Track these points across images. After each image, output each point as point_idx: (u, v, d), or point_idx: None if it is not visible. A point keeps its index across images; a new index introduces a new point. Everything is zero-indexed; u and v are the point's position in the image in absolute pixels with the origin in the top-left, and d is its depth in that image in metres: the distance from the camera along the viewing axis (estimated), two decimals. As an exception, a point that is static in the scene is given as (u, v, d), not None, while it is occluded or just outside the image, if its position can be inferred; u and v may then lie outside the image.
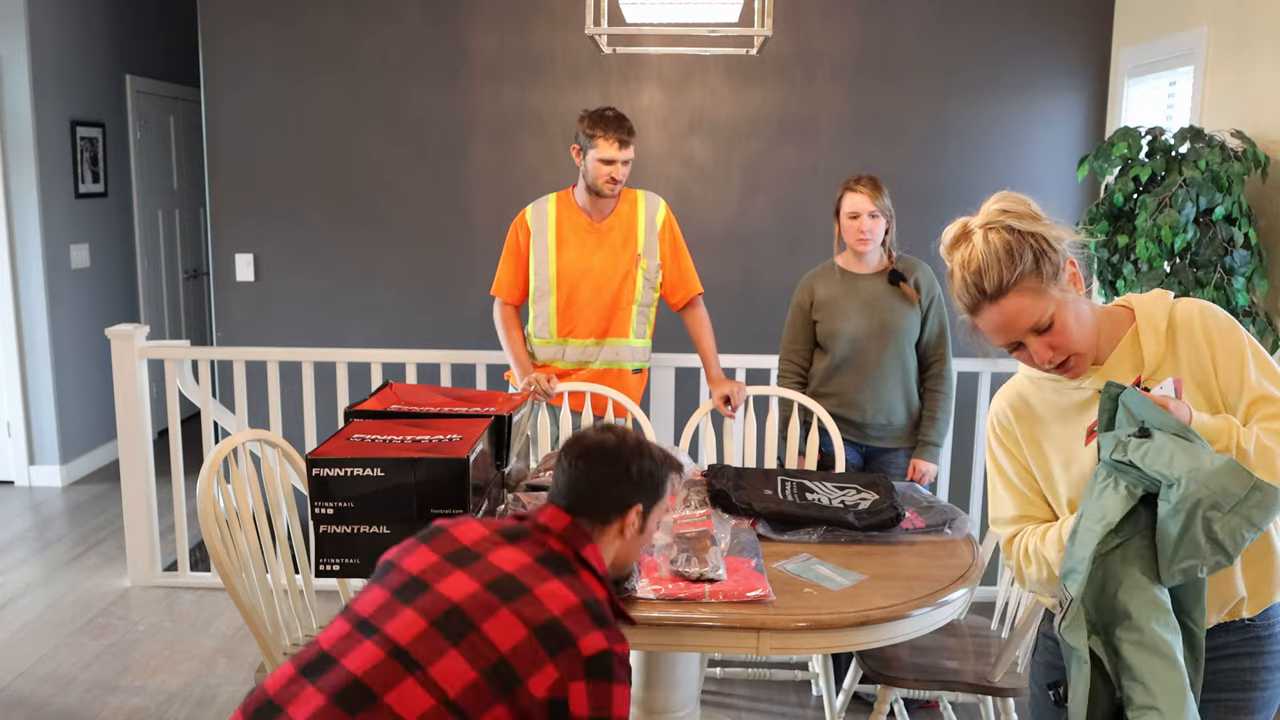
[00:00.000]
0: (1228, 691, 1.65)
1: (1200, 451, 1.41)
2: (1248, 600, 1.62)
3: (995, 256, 1.56)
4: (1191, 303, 1.63)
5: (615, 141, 3.12)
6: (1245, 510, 1.39)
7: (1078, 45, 4.76)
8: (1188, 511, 1.40)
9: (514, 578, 1.55)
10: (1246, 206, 3.40)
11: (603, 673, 1.50)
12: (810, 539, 2.33)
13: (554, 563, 1.61)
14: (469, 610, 1.50)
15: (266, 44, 4.82)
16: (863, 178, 3.12)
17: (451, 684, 1.45)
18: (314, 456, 2.03)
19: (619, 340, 3.31)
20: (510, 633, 1.48)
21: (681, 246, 3.37)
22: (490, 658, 1.47)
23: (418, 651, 1.47)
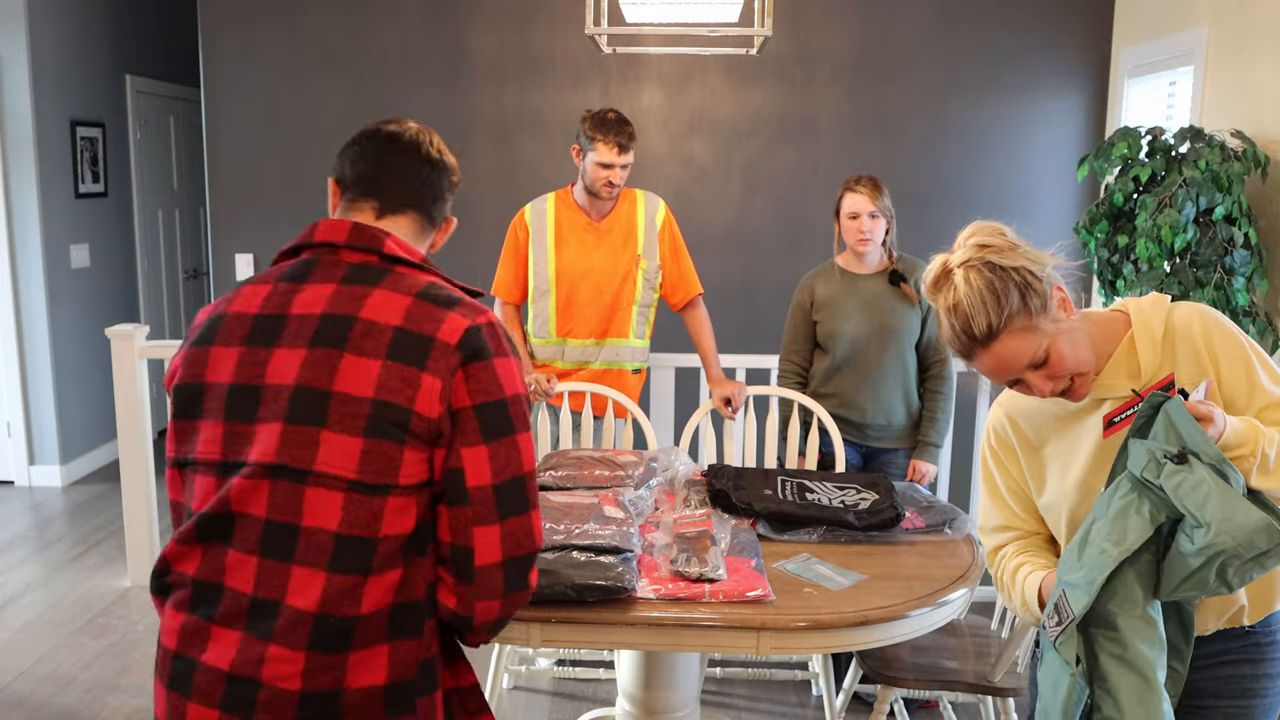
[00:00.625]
0: (1227, 699, 1.64)
1: (1236, 499, 1.38)
2: (1248, 608, 1.61)
3: (980, 300, 1.52)
4: (1190, 308, 1.60)
5: (615, 146, 3.11)
6: (1266, 560, 1.39)
7: (1078, 45, 4.76)
8: (1209, 558, 1.39)
9: (331, 316, 1.36)
10: (1246, 206, 3.40)
11: (478, 351, 1.35)
12: (810, 539, 2.33)
13: (361, 276, 1.40)
14: (310, 381, 1.32)
15: (266, 44, 4.82)
16: (863, 178, 3.12)
17: (345, 465, 1.30)
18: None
19: (619, 341, 3.31)
20: (364, 374, 1.32)
21: (681, 247, 3.36)
22: (363, 412, 1.30)
23: (293, 458, 1.31)
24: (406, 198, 1.53)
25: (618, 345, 3.31)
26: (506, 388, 1.36)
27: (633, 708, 2.33)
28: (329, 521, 1.30)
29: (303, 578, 1.30)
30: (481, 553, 1.35)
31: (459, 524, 1.35)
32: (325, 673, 1.30)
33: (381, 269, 1.41)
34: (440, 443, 1.34)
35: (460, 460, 1.33)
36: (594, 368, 3.32)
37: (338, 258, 1.43)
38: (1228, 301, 3.35)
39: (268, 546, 1.31)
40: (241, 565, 1.32)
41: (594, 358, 3.30)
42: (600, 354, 3.30)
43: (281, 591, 1.30)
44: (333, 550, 1.30)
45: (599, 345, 3.30)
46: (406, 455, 1.31)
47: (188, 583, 1.37)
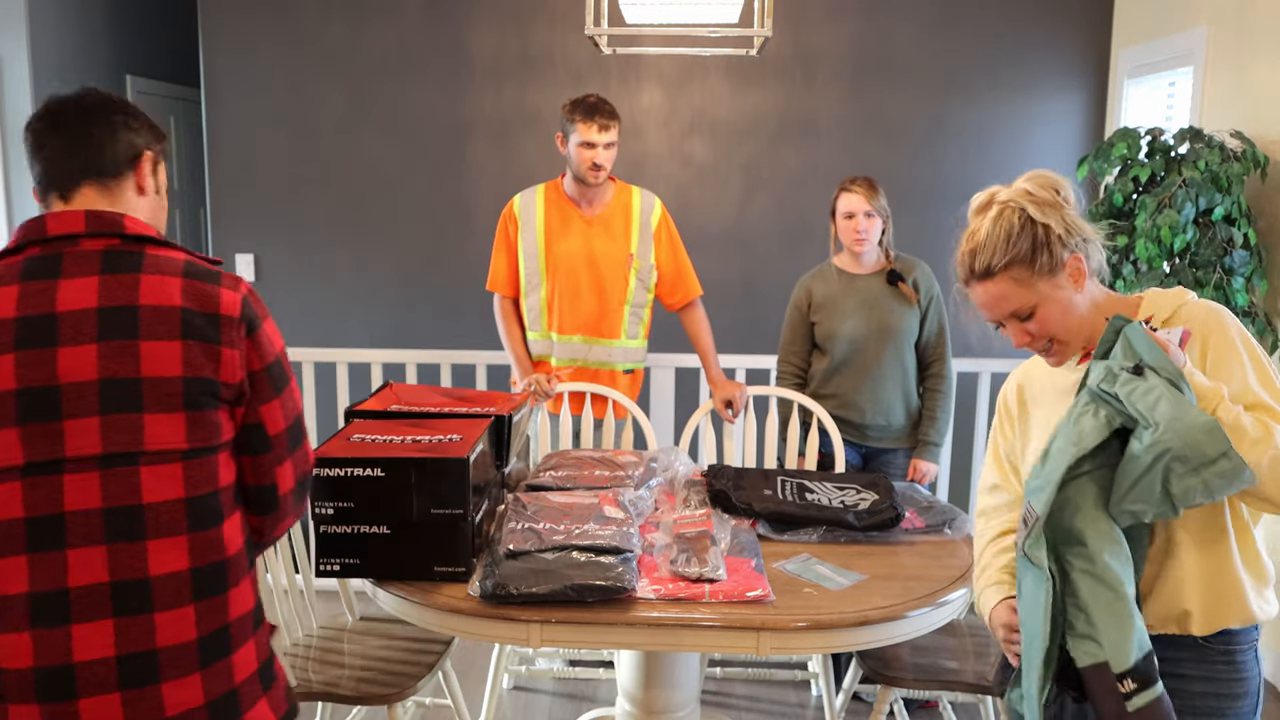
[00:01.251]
0: (1185, 715, 1.61)
1: (1186, 404, 1.42)
2: (1196, 617, 1.59)
3: (993, 239, 1.60)
4: (1204, 304, 1.62)
5: (594, 125, 3.08)
6: (1208, 474, 1.41)
7: (1078, 45, 4.76)
8: (1155, 457, 1.42)
9: (109, 309, 1.40)
10: (1246, 207, 3.40)
11: (254, 319, 1.51)
12: (810, 539, 2.34)
13: (119, 264, 1.44)
14: (115, 373, 1.39)
15: (266, 44, 4.82)
16: (858, 178, 3.13)
17: (175, 439, 1.42)
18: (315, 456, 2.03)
19: (610, 341, 3.28)
20: (168, 356, 1.42)
21: (679, 246, 3.33)
22: (177, 390, 1.41)
23: (120, 444, 1.39)
24: (79, 172, 1.50)
25: (609, 346, 3.28)
26: (277, 344, 1.56)
27: (633, 708, 2.33)
28: (174, 492, 1.42)
29: (164, 548, 1.42)
30: (282, 485, 1.59)
31: (263, 468, 1.56)
32: (214, 615, 1.46)
33: (134, 253, 1.47)
34: (242, 402, 1.51)
35: (260, 416, 1.53)
36: (584, 365, 3.28)
37: (80, 249, 1.45)
38: (1227, 302, 3.36)
39: (113, 533, 1.39)
40: (87, 560, 1.38)
41: (584, 355, 3.27)
42: (591, 352, 3.28)
43: (144, 568, 1.40)
44: (187, 513, 1.43)
45: (588, 343, 3.26)
46: (222, 417, 1.48)
47: (20, 600, 1.37)
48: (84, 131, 1.50)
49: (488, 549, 2.16)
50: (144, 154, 1.55)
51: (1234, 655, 1.61)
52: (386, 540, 2.03)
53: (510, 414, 2.41)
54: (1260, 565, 1.61)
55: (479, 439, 2.15)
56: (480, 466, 2.14)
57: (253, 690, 1.52)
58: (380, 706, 2.33)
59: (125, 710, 1.39)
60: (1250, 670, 1.63)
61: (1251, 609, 1.58)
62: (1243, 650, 1.62)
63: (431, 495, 2.01)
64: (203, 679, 1.45)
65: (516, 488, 2.53)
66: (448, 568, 2.04)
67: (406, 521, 2.02)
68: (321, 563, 2.07)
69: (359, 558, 2.05)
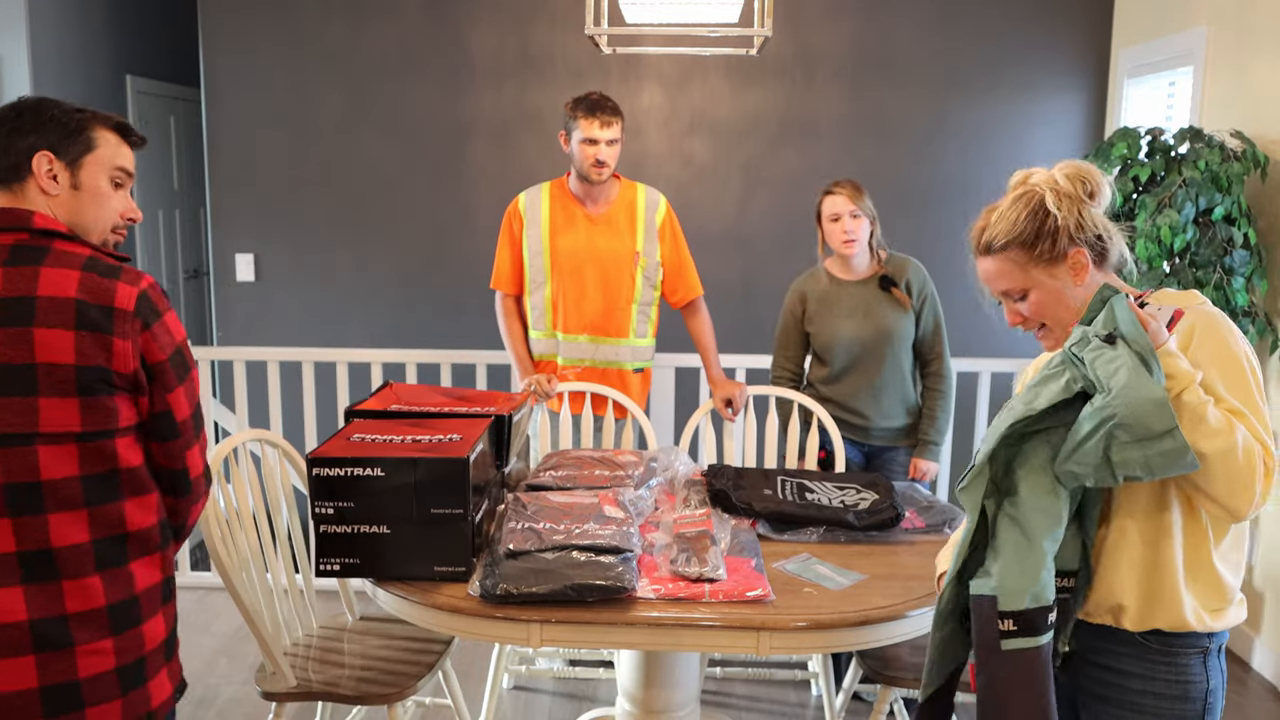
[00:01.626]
0: (1114, 706, 1.64)
1: (1144, 378, 1.44)
2: (1129, 612, 1.60)
3: (1004, 218, 1.65)
4: (1204, 310, 1.60)
5: (597, 121, 3.08)
6: (1149, 450, 1.44)
7: (1078, 45, 4.76)
8: (1100, 421, 1.46)
9: (8, 299, 1.51)
10: (1246, 207, 3.40)
11: (152, 312, 1.58)
12: (810, 539, 2.34)
13: (22, 257, 1.54)
14: (10, 359, 1.50)
15: (266, 44, 4.82)
16: (841, 180, 3.12)
17: (68, 421, 1.52)
18: (314, 456, 2.03)
19: (619, 340, 3.28)
20: (62, 344, 1.51)
21: (682, 245, 3.33)
22: (70, 376, 1.51)
23: (14, 425, 1.50)
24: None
25: (618, 345, 3.28)
26: (177, 335, 1.63)
27: (633, 708, 2.33)
28: (69, 470, 1.53)
29: (64, 521, 1.54)
30: (192, 469, 1.70)
31: (174, 452, 1.66)
32: (120, 585, 1.59)
33: (40, 247, 1.56)
34: (142, 391, 1.60)
35: (167, 403, 1.62)
36: (592, 365, 3.28)
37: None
38: (1227, 302, 3.36)
39: (15, 506, 1.51)
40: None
41: (591, 354, 3.27)
42: (598, 352, 3.27)
43: (45, 539, 1.52)
44: (84, 490, 1.55)
45: (595, 343, 3.26)
46: (120, 403, 1.56)
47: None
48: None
49: (488, 549, 2.16)
50: (35, 156, 1.60)
51: (1176, 658, 1.61)
52: (386, 540, 2.03)
53: (510, 414, 2.41)
54: (1211, 577, 1.60)
55: (479, 439, 2.15)
56: (480, 466, 2.14)
57: (157, 660, 1.66)
58: (380, 706, 2.32)
59: (39, 671, 1.53)
60: (1195, 676, 1.61)
61: (1185, 616, 1.58)
62: (1187, 654, 1.61)
63: (431, 495, 2.01)
64: (114, 645, 1.59)
65: (516, 488, 2.53)
66: (448, 568, 2.04)
67: (406, 521, 2.02)
68: (321, 563, 2.07)
69: (359, 558, 2.05)
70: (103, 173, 1.66)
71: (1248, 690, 3.41)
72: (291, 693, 2.30)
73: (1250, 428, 1.51)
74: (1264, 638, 3.54)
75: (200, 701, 3.24)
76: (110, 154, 1.66)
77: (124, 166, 1.69)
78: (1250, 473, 1.48)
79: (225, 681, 3.37)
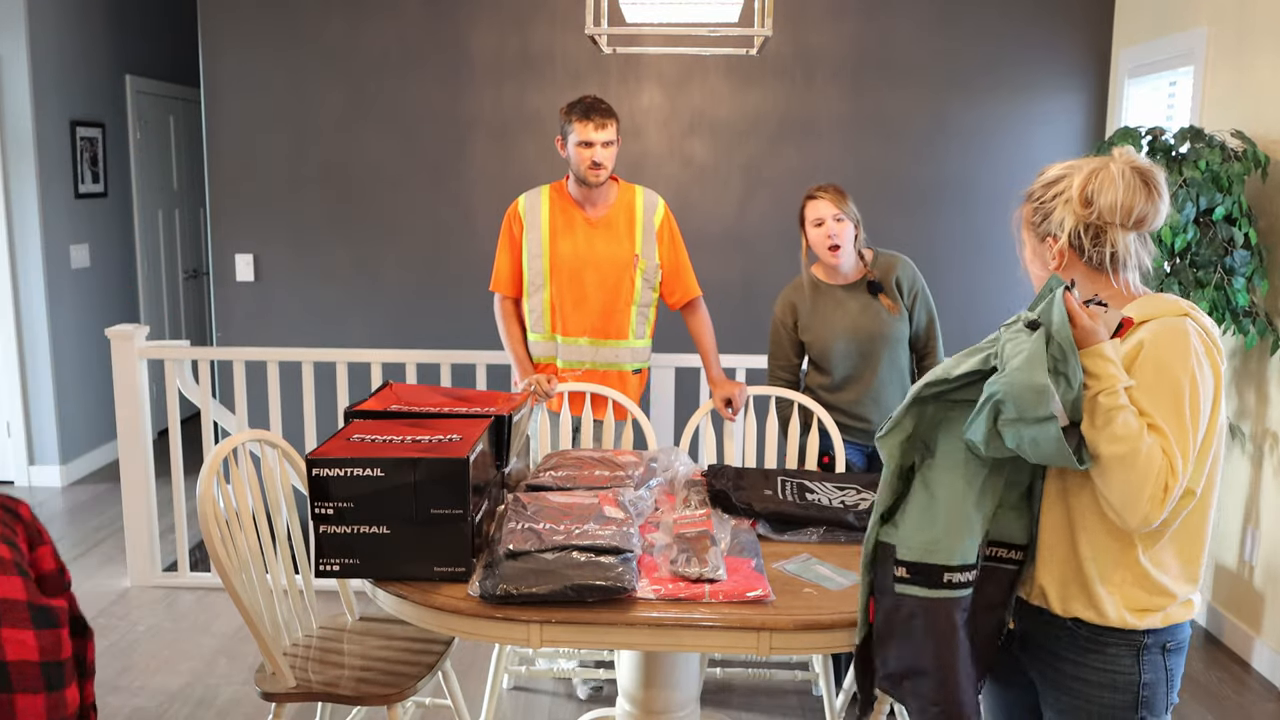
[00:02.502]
0: (1053, 688, 1.71)
1: (1037, 366, 1.55)
2: (1050, 595, 1.69)
3: (1051, 175, 1.73)
4: (1166, 326, 1.60)
5: (591, 123, 3.08)
6: (1024, 429, 1.55)
7: (1078, 45, 4.76)
8: (989, 395, 1.59)
9: None
10: (1246, 206, 3.40)
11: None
12: (810, 539, 2.33)
13: None
14: None
15: (266, 44, 4.82)
16: (824, 185, 3.12)
17: None
18: (314, 456, 2.03)
19: (618, 342, 3.28)
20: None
21: (680, 246, 3.33)
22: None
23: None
24: None
25: (617, 347, 3.28)
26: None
27: (633, 708, 2.33)
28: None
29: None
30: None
31: None
32: None
33: None
34: None
35: None
36: (592, 368, 3.29)
37: None
38: (1228, 302, 3.35)
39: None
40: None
41: (591, 357, 3.28)
42: (599, 354, 3.28)
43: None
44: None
45: (595, 345, 3.27)
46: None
47: None
48: None
49: (488, 549, 2.16)
50: None
51: (1107, 649, 1.65)
52: (386, 540, 2.03)
53: (510, 414, 2.41)
54: (1138, 576, 1.63)
55: (479, 439, 2.14)
56: (480, 466, 2.14)
57: None
58: (380, 706, 2.32)
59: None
60: (1124, 668, 1.64)
61: (1104, 609, 1.64)
62: (1116, 646, 1.65)
63: (431, 495, 2.01)
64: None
65: (516, 488, 2.53)
66: (448, 568, 2.03)
67: (406, 521, 2.02)
68: (321, 563, 2.07)
69: (359, 558, 2.05)
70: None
71: (1248, 690, 3.41)
72: (291, 693, 2.30)
73: (1165, 446, 1.54)
74: (1264, 638, 3.54)
75: (200, 702, 3.24)
76: None
77: None
78: (1144, 485, 1.52)
79: (225, 681, 3.37)
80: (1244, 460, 3.65)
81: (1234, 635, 3.67)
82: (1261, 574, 3.56)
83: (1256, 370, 3.60)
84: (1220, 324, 3.39)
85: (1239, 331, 3.39)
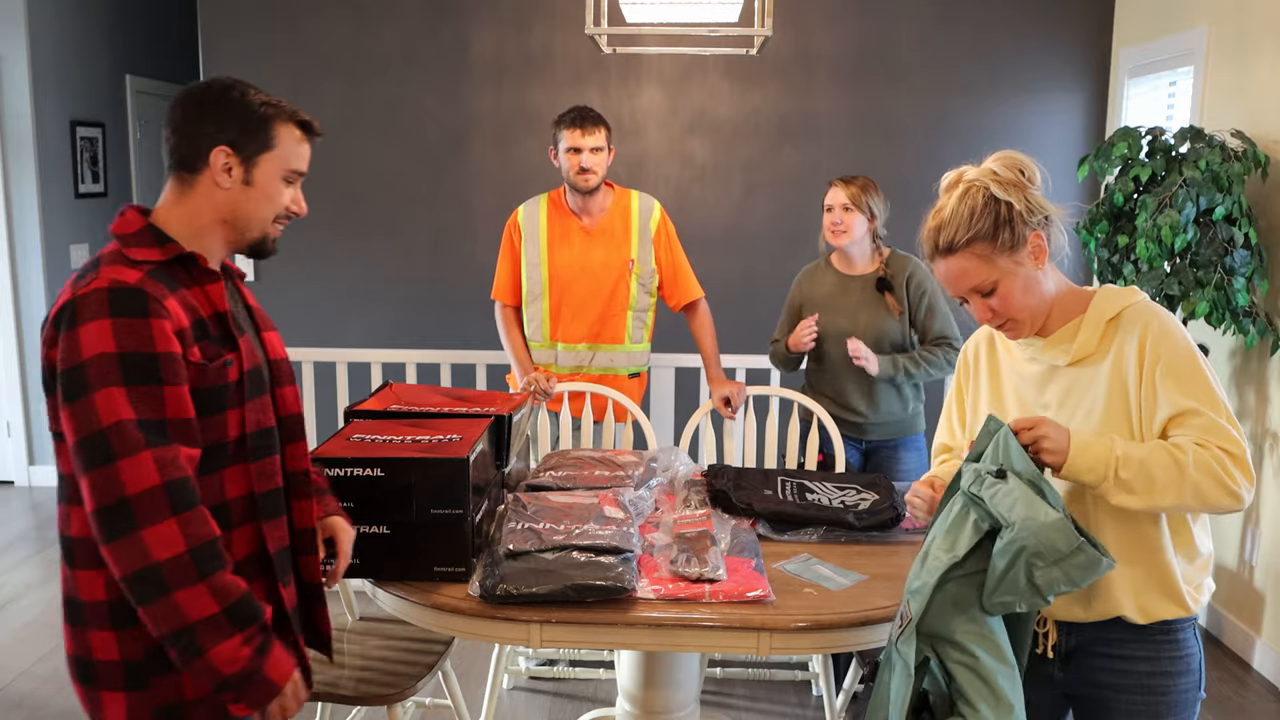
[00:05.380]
0: (1126, 692, 1.68)
1: (1039, 505, 1.50)
2: (1130, 608, 1.64)
3: (957, 216, 1.65)
4: (1149, 308, 1.64)
5: (578, 130, 3.11)
6: (1066, 566, 1.48)
7: (1078, 45, 4.76)
8: (1013, 554, 1.50)
9: None
10: (1246, 206, 3.40)
11: (69, 320, 1.45)
12: (810, 539, 2.33)
13: (80, 271, 1.54)
14: None
15: (266, 44, 4.82)
16: (847, 176, 3.16)
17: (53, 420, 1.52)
18: (314, 456, 2.03)
19: (614, 347, 3.29)
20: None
21: (677, 249, 3.35)
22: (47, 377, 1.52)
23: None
24: (168, 162, 1.65)
25: (612, 351, 3.30)
26: (83, 351, 1.43)
27: (633, 708, 2.33)
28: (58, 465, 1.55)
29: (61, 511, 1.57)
30: (89, 499, 1.44)
31: (77, 474, 1.47)
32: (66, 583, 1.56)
33: (95, 262, 1.54)
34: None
35: (58, 422, 1.49)
36: (589, 373, 3.30)
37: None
38: (1228, 302, 3.35)
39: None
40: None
41: (588, 362, 3.29)
42: (594, 359, 3.29)
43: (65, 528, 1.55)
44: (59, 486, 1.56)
45: (592, 350, 3.28)
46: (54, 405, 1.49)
47: None
48: (169, 130, 1.71)
49: (488, 549, 2.16)
50: (214, 150, 1.64)
51: (1176, 634, 1.66)
52: (386, 540, 2.03)
53: (510, 414, 2.41)
54: (1190, 553, 1.65)
55: (479, 439, 2.14)
56: (480, 466, 2.14)
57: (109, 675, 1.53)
58: (380, 706, 2.32)
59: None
60: (1192, 648, 1.68)
61: (1185, 600, 1.64)
62: (1184, 630, 1.67)
63: (431, 495, 2.01)
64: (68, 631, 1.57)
65: (516, 488, 2.52)
66: (448, 568, 2.03)
67: (406, 521, 2.02)
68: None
69: (359, 558, 2.05)
70: (277, 173, 1.63)
71: (1248, 690, 3.41)
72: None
73: (1205, 423, 1.54)
74: (1264, 637, 3.54)
75: (200, 702, 3.24)
76: (288, 154, 1.64)
77: (298, 169, 1.66)
78: (1214, 482, 1.52)
79: (225, 682, 3.37)
80: (1244, 460, 3.65)
81: (1234, 635, 3.67)
82: (1261, 574, 3.56)
83: (1256, 370, 3.60)
84: (1220, 324, 3.39)
85: (1239, 331, 3.39)
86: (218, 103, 1.61)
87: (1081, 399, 1.65)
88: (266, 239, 1.68)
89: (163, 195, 1.64)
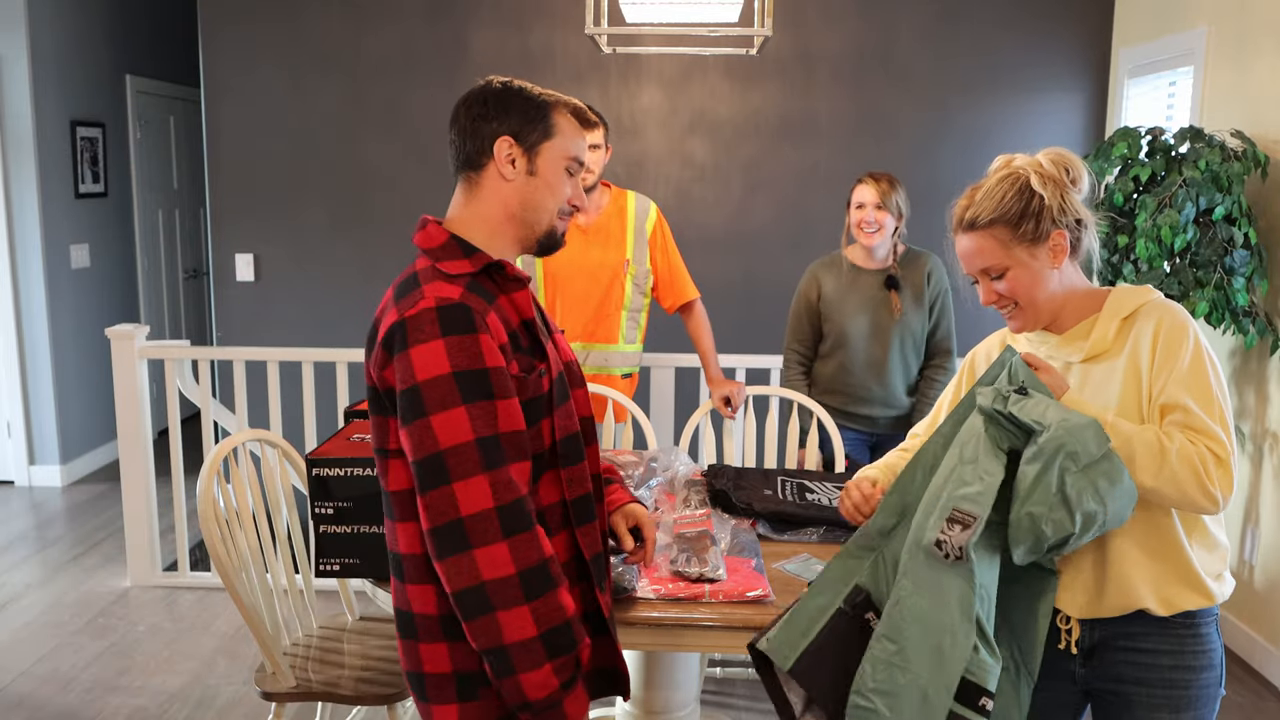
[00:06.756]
0: (1147, 686, 1.68)
1: (1070, 410, 1.53)
2: (1152, 600, 1.64)
3: (989, 196, 1.69)
4: (1166, 306, 1.66)
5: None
6: (1094, 475, 1.48)
7: (1078, 45, 4.76)
8: (1050, 454, 1.49)
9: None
10: (1246, 206, 3.40)
11: (400, 341, 1.47)
12: (810, 539, 2.33)
13: (400, 289, 1.55)
14: None
15: (266, 44, 4.82)
16: (877, 173, 3.19)
17: (376, 437, 1.58)
18: (314, 456, 2.03)
19: (608, 346, 3.29)
20: (369, 361, 1.55)
21: (673, 250, 3.34)
22: (372, 394, 1.56)
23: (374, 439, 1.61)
24: (455, 165, 1.65)
25: (606, 350, 3.30)
26: (420, 373, 1.46)
27: (633, 707, 2.33)
28: (385, 483, 1.58)
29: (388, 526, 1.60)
30: (426, 518, 1.47)
31: (418, 494, 1.50)
32: (399, 595, 1.60)
33: (416, 280, 1.55)
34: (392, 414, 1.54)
35: (398, 440, 1.52)
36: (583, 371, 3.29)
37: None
38: (1228, 302, 3.35)
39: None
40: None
41: (581, 361, 3.28)
42: (588, 358, 3.29)
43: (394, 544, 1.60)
44: (386, 502, 1.59)
45: (586, 349, 3.28)
46: (391, 424, 1.53)
47: None
48: (457, 130, 1.67)
49: (488, 549, 2.16)
50: (497, 140, 1.62)
51: (1198, 628, 1.67)
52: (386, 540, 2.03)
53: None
54: (1208, 543, 1.66)
55: (479, 439, 2.14)
56: (480, 466, 2.14)
57: (440, 688, 1.57)
58: (380, 706, 2.32)
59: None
60: (1214, 642, 1.69)
61: (1209, 590, 1.64)
62: (1206, 623, 1.68)
63: (431, 495, 2.00)
64: (402, 646, 1.62)
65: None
66: (448, 568, 2.03)
67: (406, 521, 2.01)
68: (321, 563, 2.07)
69: (359, 558, 2.05)
70: (559, 161, 1.63)
71: (1248, 690, 3.41)
72: (291, 693, 2.30)
73: (1196, 421, 1.55)
74: (1264, 637, 3.54)
75: (200, 702, 3.24)
76: (568, 141, 1.64)
77: (579, 157, 1.66)
78: (1192, 476, 1.52)
79: (225, 681, 3.37)
80: (1244, 460, 3.65)
81: (1234, 635, 3.67)
82: (1261, 574, 3.56)
83: (1256, 370, 3.60)
84: (1220, 324, 3.39)
85: (1239, 331, 3.39)
86: (498, 98, 1.61)
87: (1096, 395, 1.66)
88: (555, 231, 1.68)
89: (452, 202, 1.64)
